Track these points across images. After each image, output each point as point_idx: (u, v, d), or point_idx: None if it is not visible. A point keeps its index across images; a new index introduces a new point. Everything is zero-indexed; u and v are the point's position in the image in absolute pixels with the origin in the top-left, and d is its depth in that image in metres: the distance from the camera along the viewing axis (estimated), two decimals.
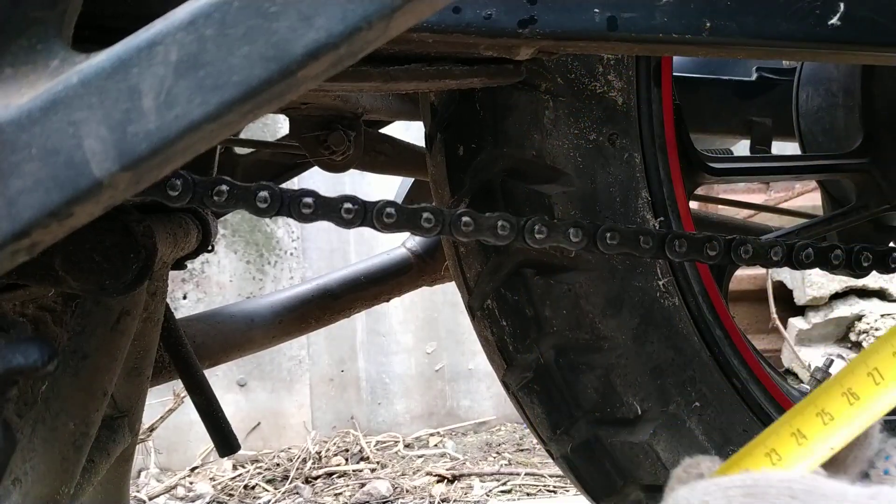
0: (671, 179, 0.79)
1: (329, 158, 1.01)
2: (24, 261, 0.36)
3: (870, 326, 2.98)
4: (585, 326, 0.78)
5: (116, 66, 0.34)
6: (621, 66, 0.76)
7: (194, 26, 0.34)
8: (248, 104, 0.34)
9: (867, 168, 1.01)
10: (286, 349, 2.89)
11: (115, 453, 0.82)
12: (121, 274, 0.65)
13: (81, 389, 0.70)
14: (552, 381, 0.81)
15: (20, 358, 0.38)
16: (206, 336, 1.12)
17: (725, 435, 0.80)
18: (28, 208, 0.34)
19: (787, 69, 1.37)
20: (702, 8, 0.62)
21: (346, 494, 2.41)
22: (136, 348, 0.82)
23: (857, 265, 0.78)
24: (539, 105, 0.75)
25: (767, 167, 1.08)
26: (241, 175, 1.24)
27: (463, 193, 0.81)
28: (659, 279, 0.78)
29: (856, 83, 1.05)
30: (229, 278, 2.88)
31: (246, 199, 0.66)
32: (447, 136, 0.82)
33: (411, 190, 1.38)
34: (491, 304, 0.83)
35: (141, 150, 0.34)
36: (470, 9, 0.60)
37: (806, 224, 1.01)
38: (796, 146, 1.18)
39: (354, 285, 1.26)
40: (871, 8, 0.64)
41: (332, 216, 0.67)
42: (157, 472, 2.70)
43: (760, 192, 3.09)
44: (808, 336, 3.08)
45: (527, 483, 2.43)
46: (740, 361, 0.81)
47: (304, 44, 0.33)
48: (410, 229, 0.69)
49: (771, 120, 1.37)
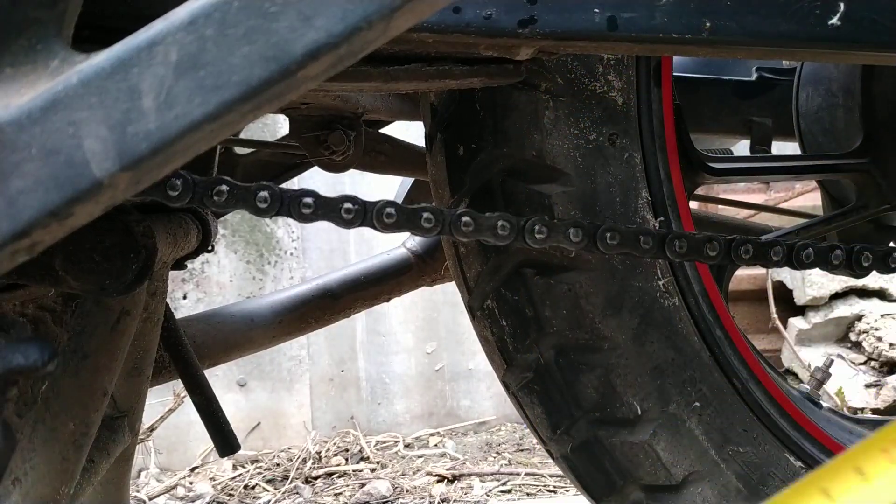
0: (671, 179, 0.79)
1: (329, 158, 1.01)
2: (24, 261, 0.36)
3: (870, 326, 2.98)
4: (585, 326, 0.78)
5: (116, 66, 0.34)
6: (621, 66, 0.76)
7: (194, 26, 0.34)
8: (248, 104, 0.34)
9: (867, 168, 1.01)
10: (286, 349, 2.89)
11: (115, 453, 0.82)
12: (121, 274, 0.65)
13: (81, 389, 0.70)
14: (552, 381, 0.81)
15: (20, 358, 0.38)
16: (206, 336, 1.12)
17: (725, 435, 0.80)
18: (28, 208, 0.34)
19: (787, 69, 1.37)
20: (702, 8, 0.62)
21: (346, 494, 2.41)
22: (136, 348, 0.82)
23: (857, 265, 0.78)
24: (539, 105, 0.75)
25: (767, 167, 1.08)
26: (241, 175, 1.24)
27: (463, 193, 0.81)
28: (659, 279, 0.78)
29: (856, 83, 1.05)
30: (229, 278, 2.88)
31: (246, 199, 0.66)
32: (447, 136, 0.82)
33: (411, 190, 1.38)
34: (491, 304, 0.83)
35: (141, 150, 0.34)
36: (470, 9, 0.60)
37: (806, 224, 1.01)
38: (796, 146, 1.18)
39: (354, 285, 1.26)
40: (871, 8, 0.64)
41: (332, 216, 0.67)
42: (157, 472, 2.70)
43: (760, 192, 3.09)
44: (808, 336, 3.08)
45: (527, 483, 2.43)
46: (740, 361, 0.81)
47: (304, 44, 0.33)
48: (410, 229, 0.69)
49: (771, 120, 1.37)
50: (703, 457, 0.80)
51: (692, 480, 0.80)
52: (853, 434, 0.98)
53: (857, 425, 1.01)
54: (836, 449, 0.85)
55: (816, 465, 0.83)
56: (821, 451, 0.84)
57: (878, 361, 2.94)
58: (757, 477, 0.80)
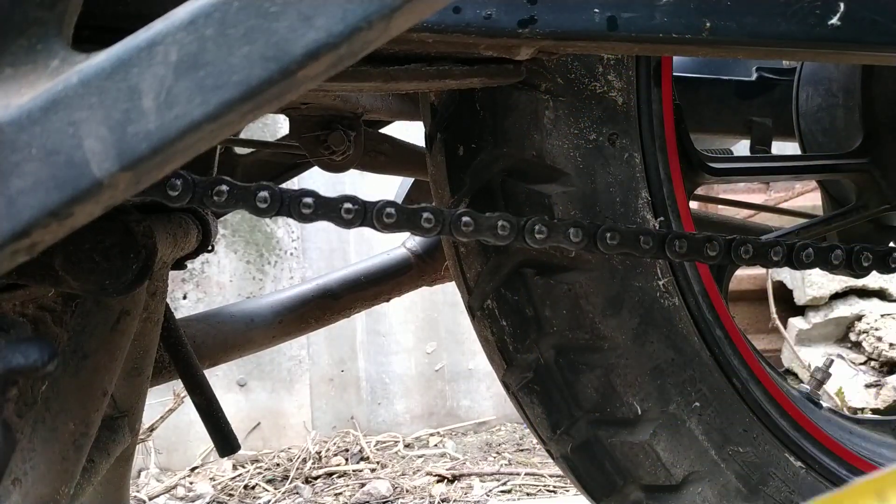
0: (671, 179, 0.79)
1: (329, 158, 1.01)
2: (24, 261, 0.36)
3: (870, 326, 2.98)
4: (585, 326, 0.78)
5: (116, 66, 0.34)
6: (621, 66, 0.76)
7: (194, 26, 0.34)
8: (248, 104, 0.34)
9: (867, 168, 1.01)
10: (286, 349, 2.89)
11: (115, 453, 0.82)
12: (121, 274, 0.65)
13: (81, 389, 0.70)
14: (552, 381, 0.81)
15: (20, 358, 0.38)
16: (206, 336, 1.12)
17: (725, 435, 0.80)
18: (28, 208, 0.34)
19: (787, 69, 1.37)
20: (702, 8, 0.62)
21: (346, 494, 2.41)
22: (136, 348, 0.82)
23: (857, 265, 0.78)
24: (539, 105, 0.75)
25: (767, 167, 1.08)
26: (241, 175, 1.24)
27: (463, 193, 0.81)
28: (659, 279, 0.78)
29: (856, 83, 1.05)
30: (229, 278, 2.88)
31: (246, 199, 0.66)
32: (447, 136, 0.82)
33: (411, 190, 1.38)
34: (491, 304, 0.83)
35: (141, 150, 0.34)
36: (470, 9, 0.60)
37: (806, 224, 1.01)
38: (796, 146, 1.18)
39: (354, 285, 1.26)
40: (871, 8, 0.64)
41: (332, 216, 0.67)
42: (157, 472, 2.70)
43: (760, 192, 3.09)
44: (808, 336, 3.08)
45: (527, 483, 2.43)
46: (740, 361, 0.81)
47: (304, 44, 0.33)
48: (410, 229, 0.69)
49: (771, 120, 1.37)
50: (703, 457, 0.80)
51: (692, 480, 0.80)
52: (853, 434, 0.98)
53: (857, 425, 1.01)
54: (836, 449, 0.85)
55: (816, 466, 0.83)
56: (821, 452, 0.84)
57: (878, 361, 2.95)
58: (757, 477, 0.80)
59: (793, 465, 0.82)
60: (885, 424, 1.04)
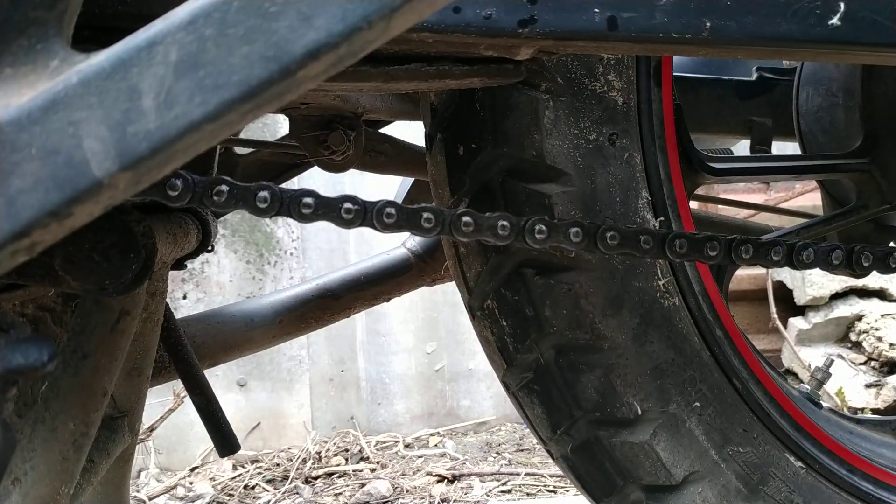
0: (671, 179, 0.79)
1: (329, 158, 1.01)
2: (24, 261, 0.36)
3: (870, 326, 2.98)
4: (585, 326, 0.78)
5: (116, 66, 0.34)
6: (621, 66, 0.76)
7: (194, 26, 0.34)
8: (248, 104, 0.34)
9: (867, 168, 1.02)
10: (286, 349, 2.89)
11: (115, 453, 0.82)
12: (121, 274, 0.65)
13: (81, 389, 0.70)
14: (552, 381, 0.81)
15: (20, 358, 0.38)
16: (206, 336, 1.12)
17: (725, 435, 0.80)
18: (28, 208, 0.34)
19: (787, 69, 1.37)
20: (702, 8, 0.62)
21: (346, 494, 2.41)
22: (136, 348, 0.82)
23: (857, 265, 0.78)
24: (539, 105, 0.75)
25: (767, 167, 1.08)
26: (241, 175, 1.24)
27: (463, 193, 0.81)
28: (659, 279, 0.78)
29: (856, 83, 1.05)
30: (229, 278, 2.88)
31: (246, 199, 0.65)
32: (447, 136, 0.82)
33: (411, 190, 1.38)
34: (491, 304, 0.83)
35: (141, 150, 0.34)
36: (470, 9, 0.60)
37: (806, 224, 1.01)
38: (796, 146, 1.18)
39: (354, 285, 1.26)
40: (871, 8, 0.64)
41: (332, 216, 0.67)
42: (157, 472, 2.70)
43: (760, 192, 3.09)
44: (809, 336, 3.08)
45: (527, 483, 2.43)
46: (740, 361, 0.81)
47: (304, 44, 0.33)
48: (410, 229, 0.69)
49: (771, 120, 1.37)
50: (703, 457, 0.80)
51: (692, 480, 0.80)
52: (853, 434, 0.98)
53: (857, 425, 1.01)
54: (836, 449, 0.85)
55: (817, 466, 0.83)
56: (821, 452, 0.84)
57: (879, 361, 2.95)
58: (757, 477, 0.81)
59: (793, 465, 0.82)
60: (886, 424, 1.04)
